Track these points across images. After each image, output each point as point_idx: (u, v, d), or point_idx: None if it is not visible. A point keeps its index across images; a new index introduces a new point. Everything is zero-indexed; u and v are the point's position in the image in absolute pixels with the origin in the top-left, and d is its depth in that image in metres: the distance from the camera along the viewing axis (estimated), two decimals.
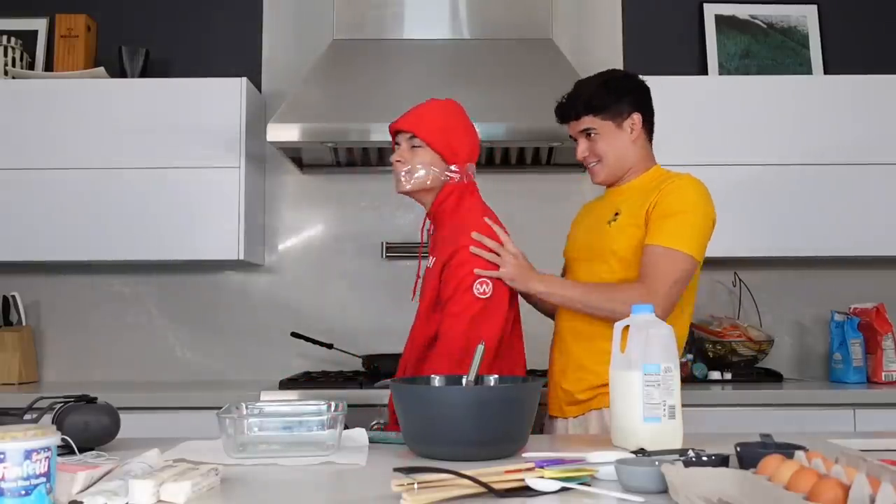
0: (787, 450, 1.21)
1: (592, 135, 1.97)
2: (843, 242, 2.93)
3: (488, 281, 1.88)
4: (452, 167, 1.96)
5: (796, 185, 2.92)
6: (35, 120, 2.92)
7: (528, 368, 2.08)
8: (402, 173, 1.97)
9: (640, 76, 2.06)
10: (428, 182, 1.96)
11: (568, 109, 2.00)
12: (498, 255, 1.89)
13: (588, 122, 1.97)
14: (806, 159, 2.93)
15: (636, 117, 1.97)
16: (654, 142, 2.06)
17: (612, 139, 1.96)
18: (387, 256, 3.24)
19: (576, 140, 2.02)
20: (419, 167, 1.95)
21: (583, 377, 1.94)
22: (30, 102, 2.93)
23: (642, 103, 2.00)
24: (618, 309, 1.79)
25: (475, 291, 1.88)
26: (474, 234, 1.90)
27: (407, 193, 2.00)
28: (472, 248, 1.88)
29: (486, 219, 1.94)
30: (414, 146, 1.96)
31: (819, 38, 3.30)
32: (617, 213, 1.94)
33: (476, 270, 1.88)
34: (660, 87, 2.11)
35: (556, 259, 2.18)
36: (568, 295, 1.91)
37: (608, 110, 1.96)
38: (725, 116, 2.95)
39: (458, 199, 1.97)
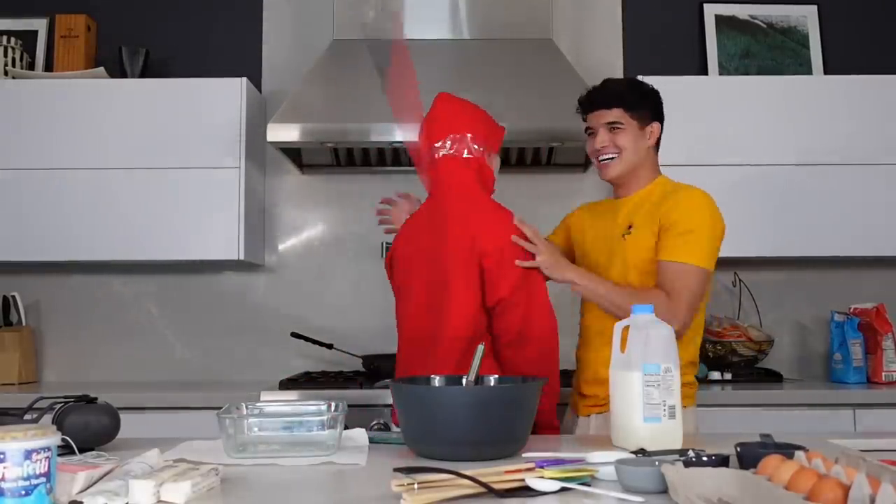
0: (787, 450, 1.21)
1: (617, 128, 1.97)
2: (843, 242, 2.92)
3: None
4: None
5: (796, 185, 2.92)
6: (35, 120, 2.92)
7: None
8: None
9: (639, 76, 2.08)
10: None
11: (600, 96, 2.00)
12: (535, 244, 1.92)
13: (618, 114, 1.97)
14: (806, 159, 2.93)
15: (655, 126, 2.01)
16: None
17: (635, 137, 1.98)
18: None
19: (590, 132, 2.03)
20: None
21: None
22: (30, 102, 2.93)
23: (661, 115, 2.04)
24: None
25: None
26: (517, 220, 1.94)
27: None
28: (514, 237, 1.91)
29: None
30: None
31: (819, 39, 3.29)
32: (630, 226, 1.96)
33: (517, 262, 1.89)
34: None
35: None
36: (593, 288, 1.92)
37: (637, 110, 1.98)
38: (725, 116, 2.94)
39: None
